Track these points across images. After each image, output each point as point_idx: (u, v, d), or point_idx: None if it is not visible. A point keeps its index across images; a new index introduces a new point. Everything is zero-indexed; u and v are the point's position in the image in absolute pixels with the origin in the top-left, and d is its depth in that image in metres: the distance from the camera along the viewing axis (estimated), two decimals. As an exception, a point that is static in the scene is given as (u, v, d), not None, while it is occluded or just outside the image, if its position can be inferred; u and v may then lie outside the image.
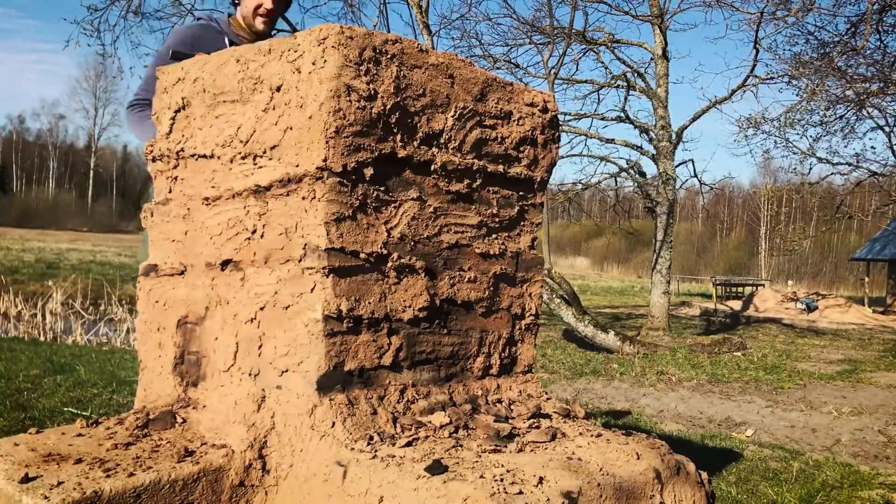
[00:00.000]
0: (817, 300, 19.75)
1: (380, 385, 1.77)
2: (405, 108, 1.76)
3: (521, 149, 2.09)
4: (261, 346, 1.79)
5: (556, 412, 1.98)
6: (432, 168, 1.87)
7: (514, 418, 1.89)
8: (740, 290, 24.76)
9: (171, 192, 2.11)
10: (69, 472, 1.52)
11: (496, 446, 1.63)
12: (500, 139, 2.02)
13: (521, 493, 1.37)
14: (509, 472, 1.47)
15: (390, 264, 1.79)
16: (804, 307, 19.10)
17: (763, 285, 24.59)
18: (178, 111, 2.05)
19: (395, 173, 1.80)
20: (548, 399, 2.08)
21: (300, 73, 1.68)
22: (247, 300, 1.84)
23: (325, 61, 1.63)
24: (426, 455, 1.54)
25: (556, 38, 10.57)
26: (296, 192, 1.72)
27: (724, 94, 12.65)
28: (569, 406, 2.05)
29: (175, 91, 2.06)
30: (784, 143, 15.09)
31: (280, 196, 1.76)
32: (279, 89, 1.74)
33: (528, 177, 2.13)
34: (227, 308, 1.90)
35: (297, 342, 1.70)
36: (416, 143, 1.81)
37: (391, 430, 1.67)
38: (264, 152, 1.79)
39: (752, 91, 13.45)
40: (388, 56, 1.71)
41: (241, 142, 1.84)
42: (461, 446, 1.63)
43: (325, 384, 1.66)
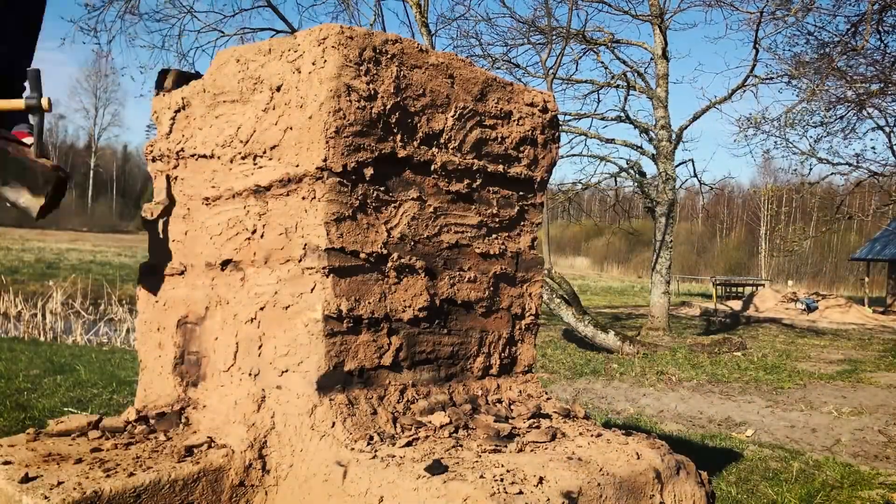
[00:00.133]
0: (817, 300, 19.74)
1: (380, 385, 1.77)
2: (405, 108, 1.76)
3: (521, 149, 2.09)
4: (261, 346, 1.79)
5: (556, 412, 1.98)
6: (432, 168, 1.86)
7: (514, 418, 1.89)
8: (740, 290, 24.75)
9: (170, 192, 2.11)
10: (69, 472, 1.52)
11: (496, 446, 1.63)
12: (500, 139, 2.02)
13: (521, 493, 1.37)
14: (509, 472, 1.46)
15: (390, 264, 1.79)
16: (804, 307, 19.08)
17: (763, 285, 24.57)
18: (177, 111, 2.05)
19: (395, 173, 1.80)
20: (548, 399, 2.08)
21: (300, 73, 1.68)
22: (247, 300, 1.84)
23: (325, 61, 1.63)
24: (426, 455, 1.54)
25: (554, 37, 10.56)
26: (296, 192, 1.72)
27: (724, 94, 12.64)
28: (569, 406, 2.05)
29: (175, 90, 2.06)
30: (784, 143, 15.10)
31: (280, 196, 1.76)
32: (279, 89, 1.74)
33: (528, 177, 2.13)
34: (227, 308, 1.90)
35: (297, 342, 1.70)
36: (416, 143, 1.81)
37: (391, 430, 1.67)
38: (264, 152, 1.78)
39: (752, 91, 13.45)
40: (388, 56, 1.71)
41: (241, 142, 1.84)
42: (461, 446, 1.63)
43: (325, 384, 1.66)
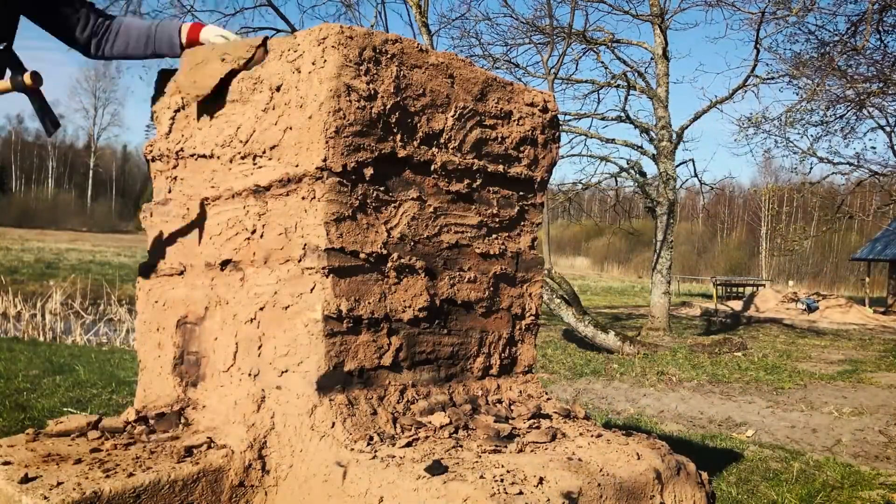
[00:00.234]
0: (818, 300, 19.73)
1: (380, 385, 1.77)
2: (405, 108, 1.76)
3: (522, 149, 2.09)
4: (260, 347, 1.79)
5: (556, 412, 1.98)
6: (432, 168, 1.86)
7: (514, 418, 1.88)
8: (741, 290, 24.74)
9: (170, 192, 2.11)
10: (69, 472, 1.52)
11: (496, 446, 1.62)
12: (500, 139, 2.01)
13: (521, 493, 1.37)
14: (509, 472, 1.46)
15: (390, 264, 1.78)
16: (805, 307, 19.07)
17: (764, 285, 24.56)
18: (177, 111, 2.04)
19: (395, 173, 1.79)
20: (548, 399, 2.08)
21: (300, 72, 1.68)
22: (246, 300, 1.84)
23: (325, 61, 1.63)
24: (426, 455, 1.54)
25: (555, 37, 10.56)
26: (295, 192, 1.71)
27: (725, 94, 12.63)
28: (569, 406, 2.05)
29: (175, 91, 2.06)
30: (784, 142, 15.09)
31: (280, 196, 1.76)
32: (279, 89, 1.73)
33: (528, 177, 2.13)
34: (226, 308, 1.90)
35: (297, 342, 1.70)
36: (416, 143, 1.81)
37: (391, 431, 1.67)
38: (264, 152, 1.78)
39: (753, 91, 13.45)
40: (388, 56, 1.71)
41: (241, 142, 1.84)
42: (461, 447, 1.62)
43: (325, 384, 1.66)
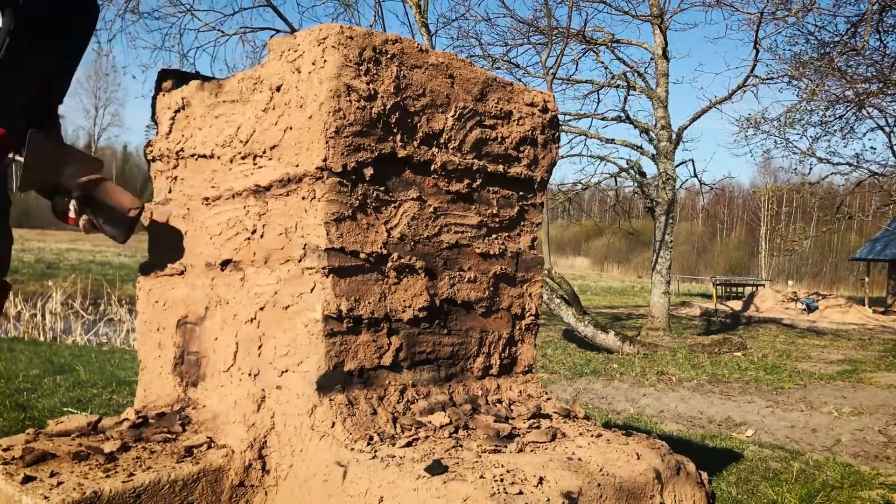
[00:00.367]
0: (817, 300, 19.73)
1: (380, 385, 1.77)
2: (405, 108, 1.76)
3: (521, 149, 2.09)
4: (261, 347, 1.79)
5: (556, 412, 1.98)
6: (432, 168, 1.86)
7: (514, 418, 1.88)
8: (740, 290, 24.74)
9: (170, 192, 2.11)
10: (69, 472, 1.52)
11: (496, 446, 1.63)
12: (500, 139, 2.01)
13: (521, 493, 1.37)
14: (509, 472, 1.46)
15: (390, 264, 1.78)
16: (804, 307, 19.08)
17: (763, 285, 24.56)
18: (177, 111, 2.04)
19: (395, 173, 1.79)
20: (548, 399, 2.08)
21: (300, 72, 1.68)
22: (246, 300, 1.84)
23: (325, 61, 1.63)
24: (426, 455, 1.54)
25: (554, 38, 10.56)
26: (296, 192, 1.72)
27: (724, 94, 12.64)
28: (569, 406, 2.05)
29: (175, 90, 2.06)
30: (784, 142, 15.10)
31: (280, 196, 1.76)
32: (279, 89, 1.73)
33: (528, 177, 2.13)
34: (226, 308, 1.90)
35: (297, 342, 1.70)
36: (416, 143, 1.81)
37: (391, 431, 1.67)
38: (264, 152, 1.78)
39: (752, 91, 13.46)
40: (388, 56, 1.71)
41: (241, 142, 1.84)
42: (461, 446, 1.62)
43: (325, 384, 1.66)
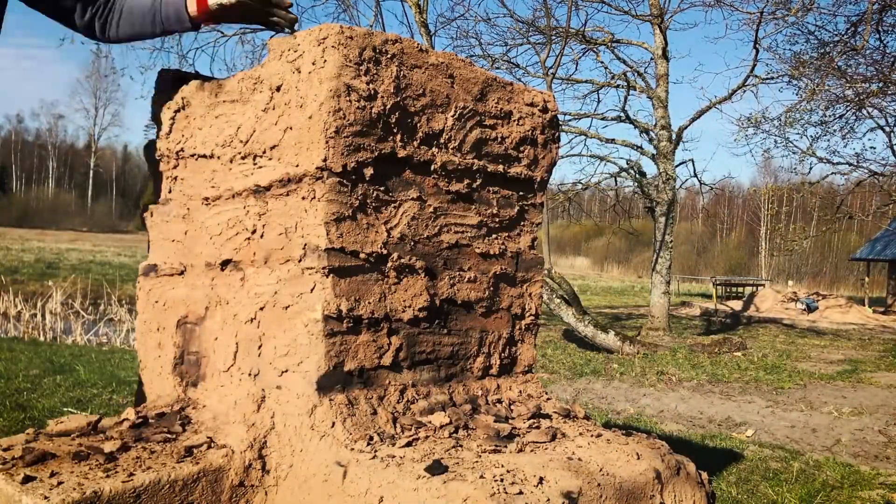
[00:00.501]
0: (817, 300, 19.73)
1: (380, 385, 1.77)
2: (405, 108, 1.76)
3: (521, 149, 2.09)
4: (261, 347, 1.79)
5: (556, 412, 1.98)
6: (432, 168, 1.86)
7: (514, 418, 1.88)
8: (740, 290, 24.75)
9: (170, 192, 2.11)
10: (69, 472, 1.52)
11: (496, 446, 1.63)
12: (500, 139, 2.01)
13: (521, 493, 1.37)
14: (509, 472, 1.46)
15: (390, 264, 1.79)
16: (804, 307, 19.08)
17: (763, 285, 24.56)
18: (177, 111, 2.04)
19: (395, 173, 1.79)
20: (548, 399, 2.08)
21: (300, 72, 1.68)
22: (247, 300, 1.84)
23: (325, 61, 1.63)
24: (426, 455, 1.54)
25: (553, 37, 10.56)
26: (296, 192, 1.72)
27: (724, 94, 12.63)
28: (569, 406, 2.05)
29: (175, 90, 2.06)
30: (784, 142, 15.10)
31: (280, 196, 1.76)
32: (279, 89, 1.73)
33: (528, 177, 2.13)
34: (226, 308, 1.90)
35: (297, 342, 1.70)
36: (416, 143, 1.81)
37: (391, 431, 1.67)
38: (264, 152, 1.78)
39: (752, 91, 13.46)
40: (388, 56, 1.71)
41: (241, 142, 1.84)
42: (461, 446, 1.62)
43: (325, 384, 1.66)
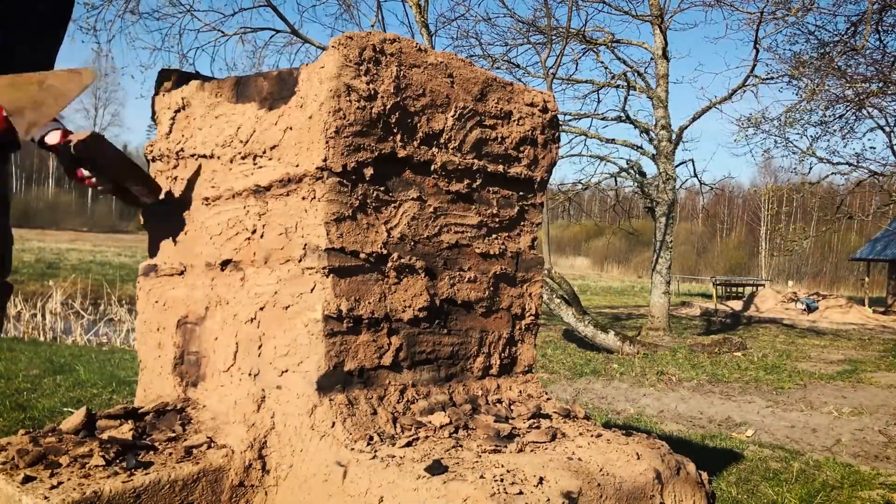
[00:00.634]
0: (818, 300, 19.72)
1: (380, 385, 1.77)
2: (405, 108, 1.76)
3: (521, 149, 2.09)
4: (261, 347, 1.79)
5: (556, 412, 1.98)
6: (432, 168, 1.86)
7: (514, 418, 1.88)
8: (740, 290, 24.74)
9: (170, 191, 2.11)
10: (69, 472, 1.52)
11: (496, 446, 1.63)
12: (500, 139, 2.01)
13: (521, 493, 1.37)
14: (509, 472, 1.46)
15: (390, 264, 1.79)
16: (804, 307, 19.07)
17: (763, 285, 24.55)
18: (177, 111, 2.04)
19: (395, 173, 1.79)
20: (548, 399, 2.08)
21: (300, 72, 1.68)
22: (247, 300, 1.84)
23: (325, 61, 1.63)
24: (426, 455, 1.54)
25: (554, 37, 10.56)
26: (296, 192, 1.72)
27: (724, 94, 12.62)
28: (569, 406, 2.05)
29: (175, 90, 2.06)
30: (784, 142, 15.09)
31: (280, 196, 1.76)
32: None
33: (528, 177, 2.13)
34: (226, 308, 1.90)
35: (297, 342, 1.70)
36: (416, 143, 1.81)
37: (391, 431, 1.67)
38: (264, 152, 1.78)
39: (752, 91, 13.46)
40: (388, 56, 1.71)
41: (241, 142, 1.84)
42: (461, 446, 1.62)
43: (325, 384, 1.66)
